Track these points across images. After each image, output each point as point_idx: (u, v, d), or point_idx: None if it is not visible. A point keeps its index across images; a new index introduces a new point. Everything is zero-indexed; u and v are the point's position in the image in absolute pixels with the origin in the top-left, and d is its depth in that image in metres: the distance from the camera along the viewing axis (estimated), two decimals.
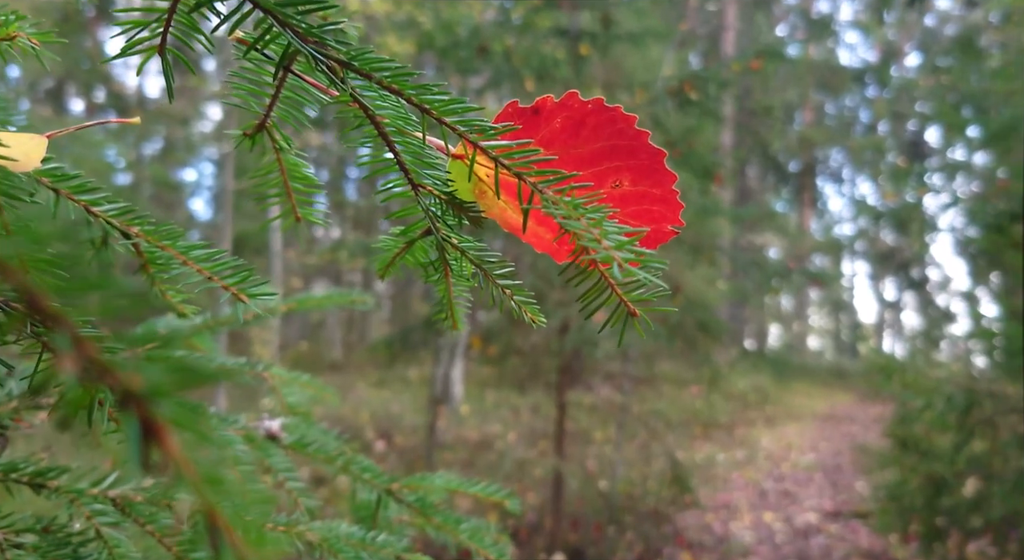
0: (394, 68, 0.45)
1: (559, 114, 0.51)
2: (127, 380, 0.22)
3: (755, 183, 19.41)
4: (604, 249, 0.41)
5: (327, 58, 0.44)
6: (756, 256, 10.65)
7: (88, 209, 0.52)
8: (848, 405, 15.06)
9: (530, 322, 0.61)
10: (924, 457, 5.47)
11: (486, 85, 7.23)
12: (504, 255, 0.58)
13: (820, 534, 7.52)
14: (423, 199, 0.56)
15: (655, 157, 0.52)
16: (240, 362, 1.01)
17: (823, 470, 10.09)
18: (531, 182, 0.46)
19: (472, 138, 0.47)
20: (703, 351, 7.33)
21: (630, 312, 0.48)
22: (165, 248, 0.53)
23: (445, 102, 0.47)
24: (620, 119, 0.51)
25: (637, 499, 7.76)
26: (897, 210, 14.29)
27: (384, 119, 0.50)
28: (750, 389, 13.60)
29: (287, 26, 0.42)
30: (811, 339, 26.66)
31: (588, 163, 0.52)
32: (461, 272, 0.61)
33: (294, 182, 0.58)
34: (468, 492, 0.90)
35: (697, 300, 7.17)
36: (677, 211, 0.53)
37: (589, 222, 0.43)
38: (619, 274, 0.40)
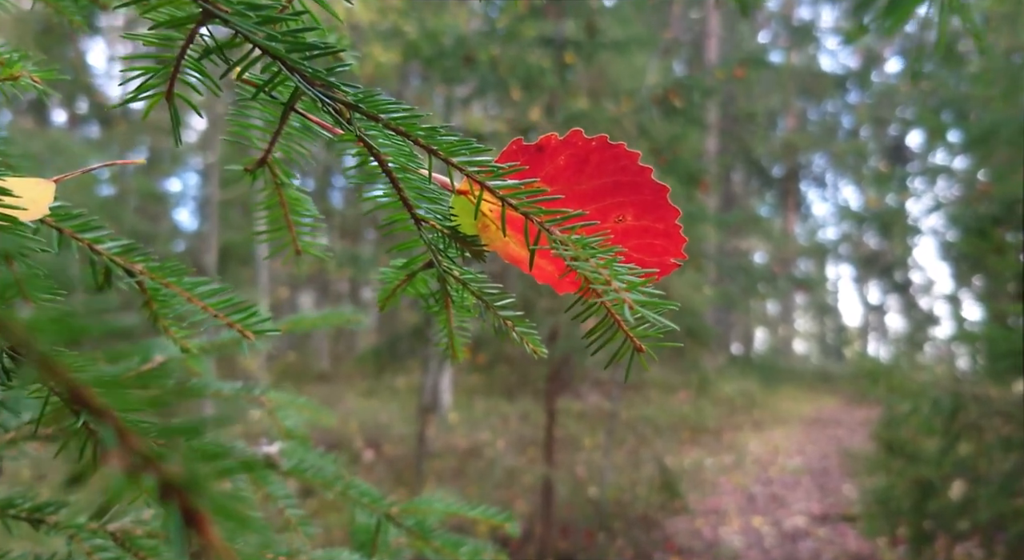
0: (403, 110, 0.45)
1: (563, 151, 0.51)
2: (169, 472, 0.22)
3: (740, 188, 19.53)
4: (615, 291, 0.42)
5: (334, 100, 0.44)
6: (742, 261, 10.71)
7: (92, 247, 0.52)
8: (834, 408, 15.14)
9: (531, 353, 0.61)
10: (911, 461, 5.51)
11: (472, 94, 7.24)
12: (492, 266, 0.58)
13: (808, 538, 7.55)
14: (425, 233, 0.56)
15: (658, 193, 0.52)
16: (236, 386, 1.01)
17: (810, 474, 10.13)
18: (538, 221, 0.46)
19: (479, 178, 0.47)
20: (691, 357, 7.35)
21: (636, 348, 0.48)
22: (169, 285, 0.53)
23: (453, 143, 0.47)
24: (623, 156, 0.52)
25: (627, 505, 7.76)
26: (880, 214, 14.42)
27: (387, 157, 0.50)
28: (737, 393, 13.66)
29: (295, 71, 0.42)
30: (797, 343, 26.81)
31: (592, 199, 0.52)
32: (462, 303, 0.61)
33: (295, 216, 0.58)
34: (468, 515, 0.89)
35: (684, 306, 7.20)
36: (680, 245, 0.54)
37: (599, 263, 0.43)
38: (630, 317, 0.40)
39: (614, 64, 8.42)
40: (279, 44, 0.40)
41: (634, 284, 0.41)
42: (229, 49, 0.41)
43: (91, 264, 0.52)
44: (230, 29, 0.39)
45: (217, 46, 0.41)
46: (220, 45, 0.41)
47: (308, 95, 0.43)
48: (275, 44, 0.40)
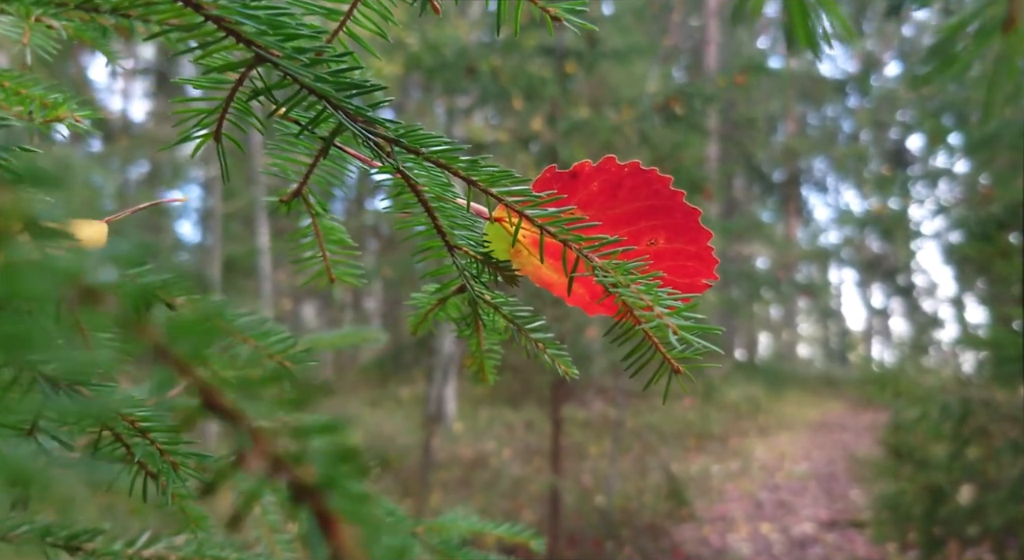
0: (444, 143, 0.46)
1: (597, 177, 0.52)
2: (301, 473, 0.23)
3: (741, 194, 19.56)
4: (657, 316, 0.43)
5: (376, 135, 0.45)
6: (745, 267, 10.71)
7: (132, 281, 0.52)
8: (839, 413, 15.12)
9: (563, 374, 0.62)
10: (920, 466, 5.49)
11: (474, 104, 7.26)
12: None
13: (817, 544, 7.53)
14: (459, 259, 0.57)
15: (690, 216, 0.54)
16: None
17: (817, 479, 10.10)
18: (577, 248, 0.47)
19: (518, 208, 0.48)
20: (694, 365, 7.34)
21: (674, 369, 0.49)
22: None
23: (493, 174, 0.48)
24: (656, 180, 0.53)
25: (633, 513, 7.74)
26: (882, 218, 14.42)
27: (423, 187, 0.51)
28: (742, 399, 13.63)
29: (339, 108, 0.43)
30: (801, 347, 26.78)
31: (624, 223, 0.53)
32: (494, 326, 0.62)
33: (329, 245, 0.59)
34: (493, 533, 0.90)
35: None
36: (712, 266, 0.55)
37: (639, 288, 0.44)
38: (676, 342, 0.41)
39: (615, 73, 8.44)
40: (326, 85, 0.41)
41: (678, 310, 0.42)
42: (277, 89, 0.42)
43: None
44: (280, 71, 0.40)
45: (266, 88, 0.42)
46: (269, 87, 0.42)
47: (350, 131, 0.44)
48: (322, 85, 0.41)
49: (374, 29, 0.50)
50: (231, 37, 0.38)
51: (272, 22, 0.38)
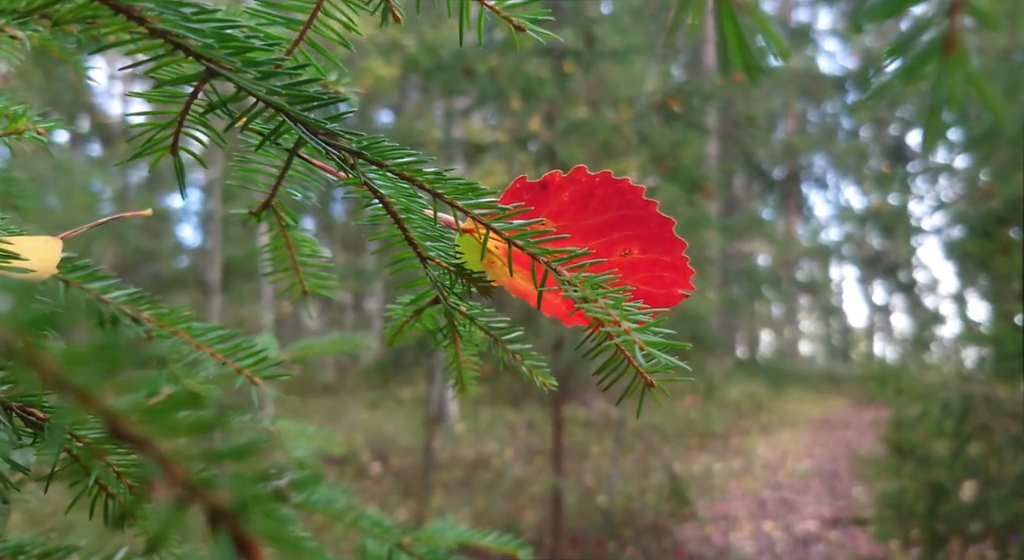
0: (407, 155, 0.45)
1: (567, 188, 0.51)
2: (217, 498, 0.22)
3: (741, 192, 19.53)
4: (625, 332, 0.42)
5: (338, 148, 0.44)
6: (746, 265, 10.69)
7: (99, 297, 0.52)
8: (842, 410, 15.10)
9: (541, 385, 0.61)
10: (922, 463, 5.48)
11: (472, 105, 7.25)
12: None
13: (820, 542, 7.51)
14: (431, 270, 0.56)
15: (664, 225, 0.52)
16: (244, 418, 1.00)
17: (820, 477, 10.09)
18: (545, 261, 0.46)
19: (484, 221, 0.47)
20: (697, 362, 7.33)
21: (647, 383, 0.48)
22: (177, 332, 0.53)
23: (458, 187, 0.47)
24: (628, 190, 0.52)
25: (636, 513, 7.72)
26: (882, 214, 14.40)
27: (391, 198, 0.50)
28: (744, 397, 13.61)
29: (298, 122, 0.42)
30: (802, 345, 26.75)
31: (597, 234, 0.52)
32: (470, 338, 0.61)
33: (302, 257, 0.58)
34: (480, 543, 0.89)
35: (689, 312, 7.19)
36: (687, 276, 0.54)
37: (607, 303, 0.43)
38: (641, 359, 0.40)
39: (613, 72, 8.42)
40: (281, 98, 0.40)
41: (647, 326, 0.41)
42: (233, 103, 0.41)
43: (98, 314, 0.52)
44: (234, 85, 0.39)
45: (221, 101, 0.41)
46: (224, 100, 0.41)
47: (311, 144, 0.43)
48: (276, 98, 0.40)
49: (337, 39, 0.49)
50: (179, 51, 0.37)
51: (219, 35, 0.37)
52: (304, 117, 0.42)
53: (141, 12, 0.34)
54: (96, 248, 9.05)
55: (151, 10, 0.34)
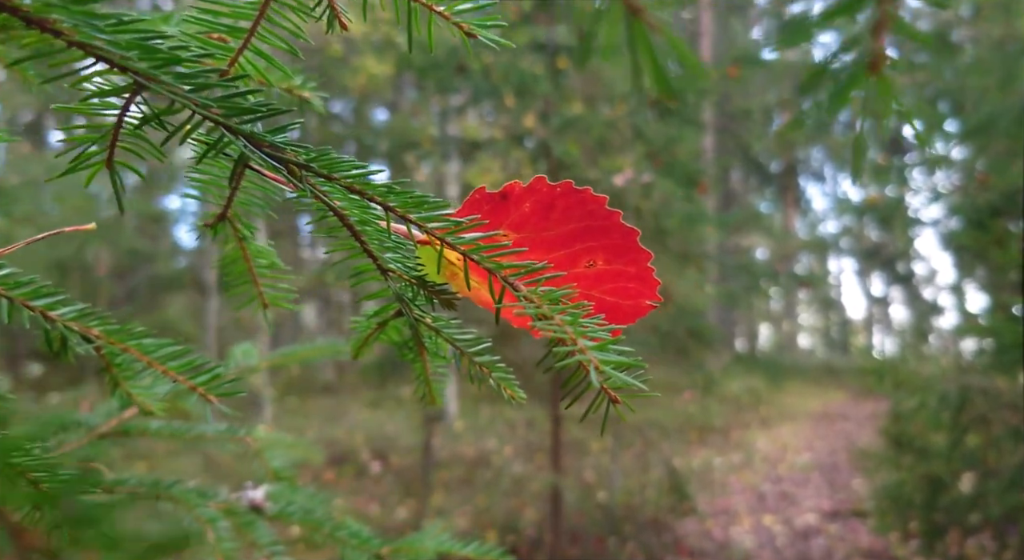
0: (357, 168, 0.44)
1: (528, 198, 0.50)
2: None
3: (739, 186, 19.51)
4: (580, 350, 0.40)
5: (283, 161, 0.42)
6: (744, 260, 10.68)
7: (45, 314, 0.50)
8: (841, 403, 15.10)
9: (509, 399, 0.59)
10: (920, 456, 5.48)
11: (467, 102, 7.23)
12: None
13: (820, 535, 7.51)
14: (393, 283, 0.54)
15: (628, 236, 0.51)
16: (221, 428, 0.99)
17: (820, 469, 10.09)
18: (502, 276, 0.45)
19: (438, 235, 0.45)
20: (695, 357, 7.33)
21: (612, 399, 0.47)
22: (128, 349, 0.51)
23: (410, 200, 0.45)
24: (590, 200, 0.50)
25: (636, 509, 7.72)
26: (880, 206, 14.38)
27: (345, 210, 0.48)
28: (743, 391, 13.62)
29: (238, 134, 0.40)
30: (801, 338, 26.76)
31: (560, 245, 0.51)
32: (437, 351, 0.59)
33: (260, 269, 0.56)
34: (460, 553, 0.88)
35: (687, 307, 7.17)
36: (654, 287, 0.52)
37: (564, 319, 0.41)
38: (596, 380, 0.38)
39: (608, 68, 8.40)
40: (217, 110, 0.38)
41: (603, 343, 0.40)
42: (169, 116, 0.40)
43: (45, 332, 0.50)
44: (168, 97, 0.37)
45: (154, 114, 0.39)
46: (157, 113, 0.39)
47: (253, 158, 0.41)
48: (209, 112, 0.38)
49: (284, 46, 0.48)
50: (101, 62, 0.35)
51: (140, 46, 0.35)
52: (244, 130, 0.40)
53: (54, 24, 0.33)
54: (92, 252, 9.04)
55: (64, 22, 0.33)
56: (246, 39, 0.46)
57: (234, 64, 0.47)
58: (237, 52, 0.47)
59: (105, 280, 9.93)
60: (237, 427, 1.00)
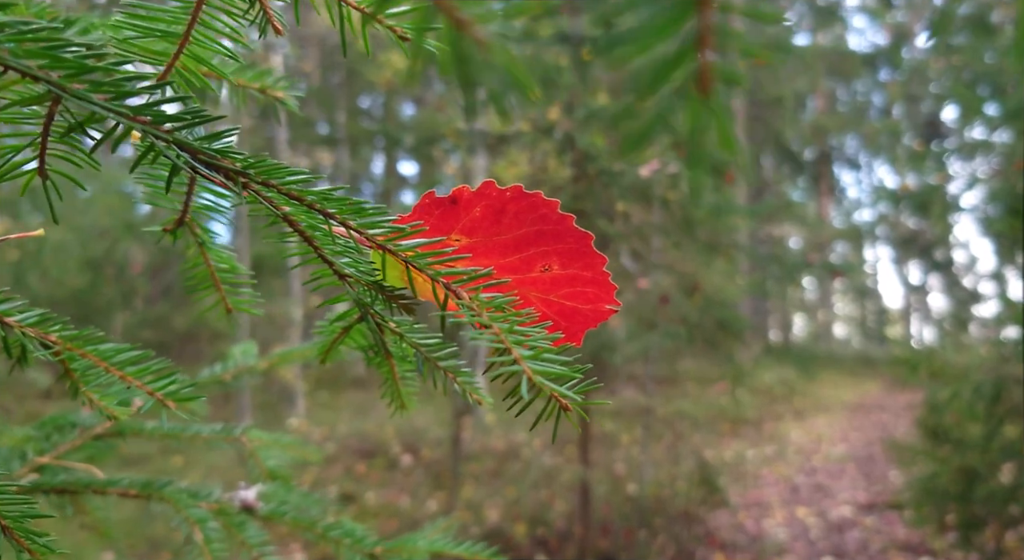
0: (292, 174, 0.43)
1: (478, 202, 0.49)
2: None
3: (770, 174, 19.24)
4: (515, 359, 0.39)
5: (220, 168, 0.42)
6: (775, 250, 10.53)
7: (2, 320, 0.50)
8: (877, 393, 14.87)
9: (475, 403, 0.58)
10: (956, 447, 5.37)
11: None
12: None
13: (855, 528, 7.41)
14: (351, 288, 0.54)
15: (582, 240, 0.50)
16: (216, 428, 0.99)
17: (855, 461, 9.95)
18: (444, 283, 0.44)
19: (379, 241, 0.44)
20: (725, 349, 7.24)
21: (563, 407, 0.45)
22: (86, 355, 0.51)
23: (347, 207, 0.44)
24: (542, 205, 0.49)
25: (667, 501, 7.67)
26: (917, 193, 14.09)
27: (293, 216, 0.48)
28: (776, 382, 13.47)
29: (169, 142, 0.40)
30: (837, 327, 26.37)
31: (514, 249, 0.49)
32: (403, 355, 0.59)
33: (221, 273, 0.56)
34: (452, 553, 0.87)
35: (716, 298, 7.10)
36: (611, 292, 0.51)
37: (503, 328, 0.40)
38: (525, 393, 0.37)
39: None
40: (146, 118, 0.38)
41: (538, 353, 0.38)
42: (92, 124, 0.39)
43: (3, 338, 0.50)
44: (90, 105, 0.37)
45: (78, 123, 0.39)
46: (80, 122, 0.39)
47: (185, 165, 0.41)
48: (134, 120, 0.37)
49: (224, 51, 0.47)
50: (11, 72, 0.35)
51: (47, 55, 0.34)
52: (175, 138, 0.39)
53: None
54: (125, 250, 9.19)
55: None
56: (181, 43, 0.46)
57: (170, 69, 0.46)
58: (173, 57, 0.46)
59: (140, 278, 10.11)
60: (232, 427, 1.01)
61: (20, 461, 0.84)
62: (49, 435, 0.91)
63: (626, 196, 6.35)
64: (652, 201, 6.51)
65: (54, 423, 0.93)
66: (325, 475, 8.57)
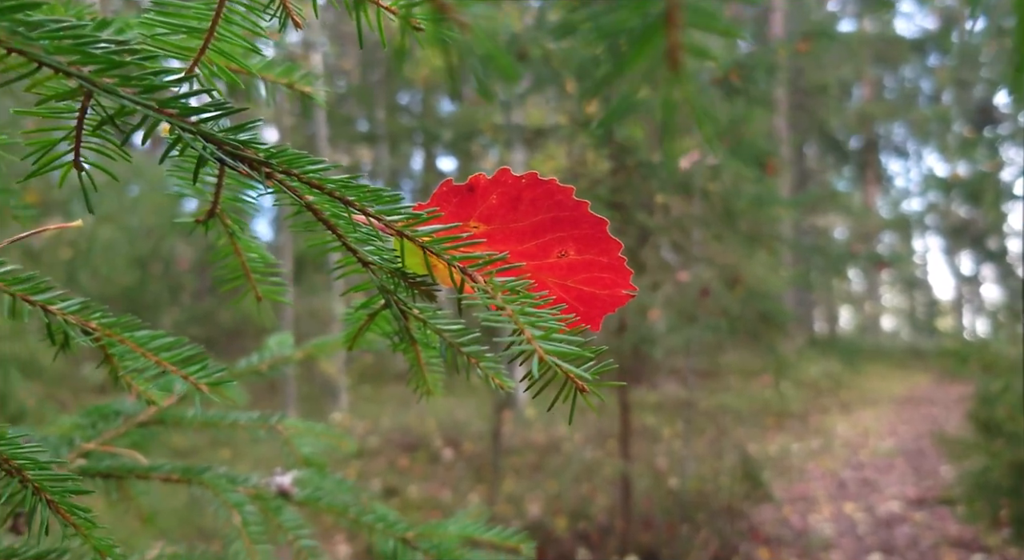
0: (312, 162, 0.44)
1: (494, 190, 0.50)
2: None
3: (814, 164, 18.89)
4: (527, 340, 0.40)
5: (243, 159, 0.43)
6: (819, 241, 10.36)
7: (45, 308, 0.53)
8: (927, 386, 14.54)
9: (497, 388, 0.59)
10: (1009, 441, 5.24)
11: (528, 89, 7.19)
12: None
13: (905, 523, 7.26)
14: (375, 275, 0.55)
15: (597, 226, 0.50)
16: (253, 417, 1.02)
17: (904, 455, 9.74)
18: (460, 268, 0.45)
19: (397, 228, 0.46)
20: (767, 341, 7.14)
21: (579, 388, 0.46)
22: (123, 341, 0.53)
23: (366, 194, 0.46)
24: (557, 191, 0.50)
25: (709, 495, 7.61)
26: (969, 181, 13.71)
27: (317, 205, 0.49)
28: (822, 375, 13.24)
29: (195, 133, 0.41)
30: (885, 319, 25.83)
31: (531, 236, 0.50)
32: (427, 341, 0.60)
33: (252, 263, 0.58)
34: (483, 538, 0.88)
35: (758, 290, 7.01)
36: (627, 277, 0.51)
37: (515, 310, 0.41)
38: (535, 371, 0.38)
39: None
40: (172, 111, 0.40)
41: (548, 332, 0.39)
42: (123, 117, 0.41)
43: (47, 325, 0.53)
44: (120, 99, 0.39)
45: (109, 117, 0.41)
46: (111, 115, 0.41)
47: (211, 156, 0.43)
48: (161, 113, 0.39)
49: (245, 45, 0.49)
50: (45, 68, 0.37)
51: (78, 51, 0.36)
52: (200, 129, 0.41)
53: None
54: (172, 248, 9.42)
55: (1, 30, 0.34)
56: (206, 39, 0.48)
57: (197, 64, 0.48)
58: (199, 52, 0.48)
59: (186, 275, 10.34)
60: (268, 415, 1.04)
61: (68, 447, 0.88)
62: (95, 423, 0.95)
63: (666, 188, 6.29)
64: (692, 193, 6.44)
65: (100, 412, 0.97)
66: (368, 468, 8.68)
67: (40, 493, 0.46)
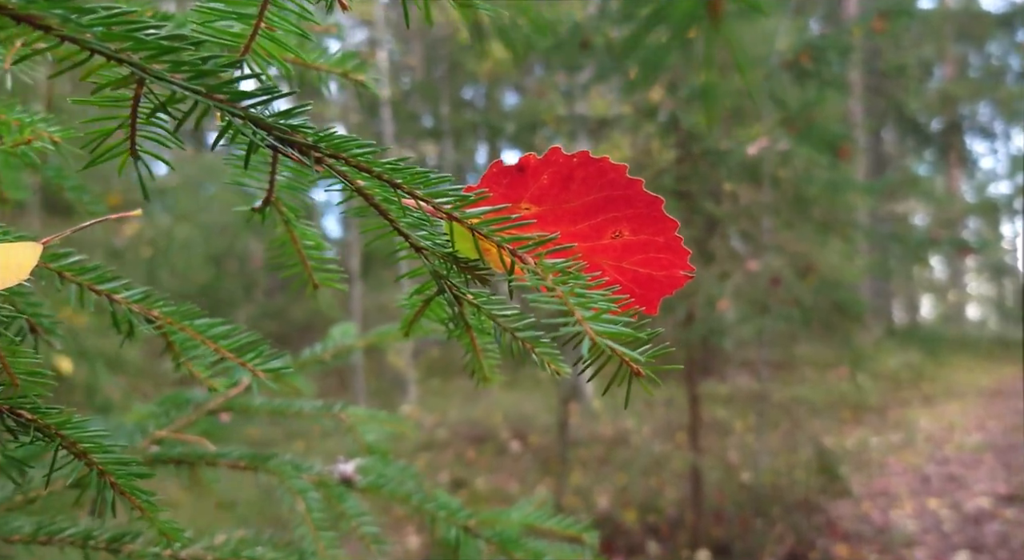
0: (360, 145, 0.44)
1: (545, 170, 0.49)
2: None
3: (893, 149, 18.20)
4: (578, 321, 0.39)
5: (293, 143, 0.44)
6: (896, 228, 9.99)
7: (110, 297, 0.54)
8: (1018, 378, 13.88)
9: (554, 373, 0.59)
10: None
11: (592, 79, 7.13)
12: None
13: (995, 520, 6.96)
14: (428, 260, 0.55)
15: (652, 205, 0.49)
16: (317, 405, 1.04)
17: (993, 451, 9.33)
18: (510, 249, 0.44)
19: (446, 210, 0.45)
20: (842, 332, 6.93)
21: (634, 372, 0.45)
22: (184, 329, 0.54)
23: (414, 176, 0.45)
24: (609, 170, 0.48)
25: (784, 489, 7.44)
26: None
27: (368, 189, 0.49)
28: (902, 367, 12.78)
29: (244, 119, 0.42)
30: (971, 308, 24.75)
31: (584, 216, 0.49)
32: (481, 327, 0.59)
33: (308, 251, 0.58)
34: (544, 526, 0.88)
35: (832, 279, 6.81)
36: (684, 257, 0.50)
37: (565, 291, 0.40)
38: (586, 352, 0.37)
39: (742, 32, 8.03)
40: (222, 97, 0.40)
41: (599, 313, 0.38)
42: (174, 104, 0.42)
43: (113, 314, 0.54)
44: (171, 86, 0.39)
45: (160, 104, 0.41)
46: (163, 103, 0.41)
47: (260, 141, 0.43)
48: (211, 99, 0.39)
49: (294, 30, 0.49)
50: (97, 55, 0.37)
51: (130, 38, 0.37)
52: (249, 114, 0.41)
53: (43, 20, 0.35)
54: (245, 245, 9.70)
55: (52, 17, 0.35)
56: (256, 25, 0.48)
57: (248, 50, 0.49)
58: (249, 38, 0.48)
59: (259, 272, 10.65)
60: (332, 404, 1.06)
61: (142, 435, 0.92)
62: (168, 411, 0.99)
63: (734, 176, 6.16)
64: (761, 180, 6.29)
65: (173, 401, 1.00)
66: (437, 461, 8.79)
67: (105, 475, 0.48)
